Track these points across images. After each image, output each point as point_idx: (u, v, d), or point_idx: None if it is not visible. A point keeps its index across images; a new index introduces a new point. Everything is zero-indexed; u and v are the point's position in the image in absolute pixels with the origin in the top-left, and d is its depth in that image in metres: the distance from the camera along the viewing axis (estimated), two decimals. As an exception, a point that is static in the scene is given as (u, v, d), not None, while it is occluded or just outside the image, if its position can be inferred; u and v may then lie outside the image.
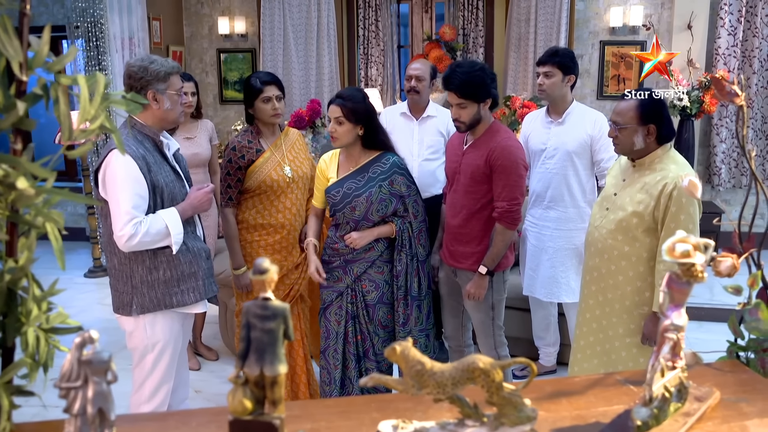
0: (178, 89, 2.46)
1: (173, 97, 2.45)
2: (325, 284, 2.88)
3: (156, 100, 2.41)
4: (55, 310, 1.28)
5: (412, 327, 2.87)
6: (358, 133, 2.75)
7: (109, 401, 1.05)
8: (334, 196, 2.79)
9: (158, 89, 2.40)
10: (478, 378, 1.10)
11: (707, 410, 1.27)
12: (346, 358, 2.88)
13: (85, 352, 1.05)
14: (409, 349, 1.13)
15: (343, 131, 2.72)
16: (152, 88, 2.39)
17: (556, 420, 1.25)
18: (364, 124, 2.75)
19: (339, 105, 2.70)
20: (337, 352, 2.86)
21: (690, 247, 1.15)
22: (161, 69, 2.40)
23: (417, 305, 2.86)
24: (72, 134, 1.23)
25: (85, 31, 5.70)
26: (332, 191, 2.80)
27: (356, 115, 2.71)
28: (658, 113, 2.36)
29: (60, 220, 1.23)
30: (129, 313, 2.47)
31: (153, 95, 2.40)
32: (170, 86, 2.43)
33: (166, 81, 2.41)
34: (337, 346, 2.86)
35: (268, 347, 1.05)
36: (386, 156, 2.84)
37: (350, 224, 2.81)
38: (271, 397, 1.07)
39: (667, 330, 1.18)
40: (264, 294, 1.05)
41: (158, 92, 2.41)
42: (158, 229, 2.37)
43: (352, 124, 2.71)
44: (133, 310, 2.46)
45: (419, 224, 2.87)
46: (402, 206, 2.83)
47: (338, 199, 2.78)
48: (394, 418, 1.21)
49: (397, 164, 2.83)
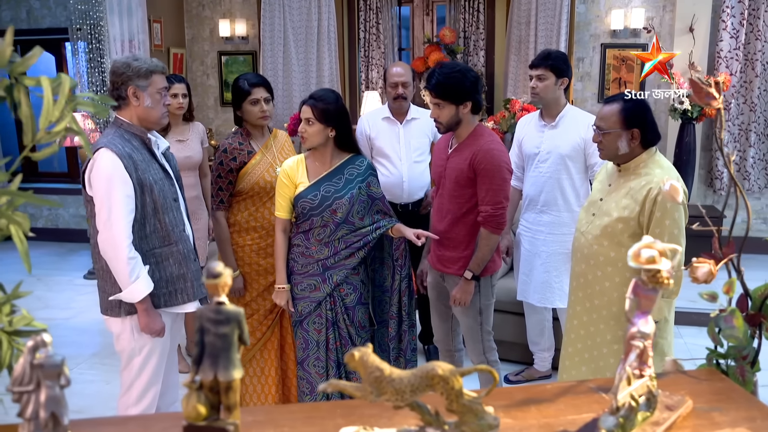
0: (160, 89, 2.45)
1: (155, 96, 2.43)
2: (299, 296, 2.82)
3: (136, 96, 2.40)
4: (18, 312, 1.27)
5: (406, 346, 2.92)
6: (328, 134, 2.72)
7: (62, 405, 1.04)
8: (311, 200, 2.72)
9: (139, 86, 2.39)
10: (437, 385, 1.09)
11: (678, 419, 1.25)
12: (328, 366, 2.84)
13: (37, 355, 1.04)
14: (368, 355, 1.11)
15: (313, 132, 2.69)
16: (132, 84, 2.39)
17: (522, 428, 1.23)
18: (336, 126, 2.72)
19: (310, 105, 2.68)
20: (320, 360, 2.82)
21: (656, 253, 1.13)
22: (143, 66, 2.40)
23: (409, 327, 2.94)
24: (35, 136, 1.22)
25: (86, 34, 5.73)
26: (308, 195, 2.72)
27: (327, 117, 2.68)
28: (641, 117, 2.34)
29: (25, 222, 1.22)
30: (117, 314, 2.47)
31: (133, 92, 2.39)
32: (152, 84, 2.42)
33: (147, 78, 2.41)
34: (319, 354, 2.82)
35: (222, 352, 1.04)
36: (359, 158, 2.82)
37: (329, 227, 2.75)
38: (226, 402, 1.06)
39: (633, 337, 1.16)
40: (217, 298, 1.04)
41: (139, 89, 2.40)
42: (130, 273, 2.36)
43: (322, 125, 2.68)
44: (121, 311, 2.46)
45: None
46: (380, 207, 2.83)
47: (316, 203, 2.72)
48: (357, 425, 1.19)
49: (371, 166, 2.85)
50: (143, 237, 2.44)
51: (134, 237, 2.39)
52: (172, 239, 2.50)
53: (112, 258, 2.37)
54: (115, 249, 2.35)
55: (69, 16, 6.02)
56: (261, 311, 3.06)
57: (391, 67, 3.73)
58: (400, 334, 2.92)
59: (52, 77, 1.19)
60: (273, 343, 3.10)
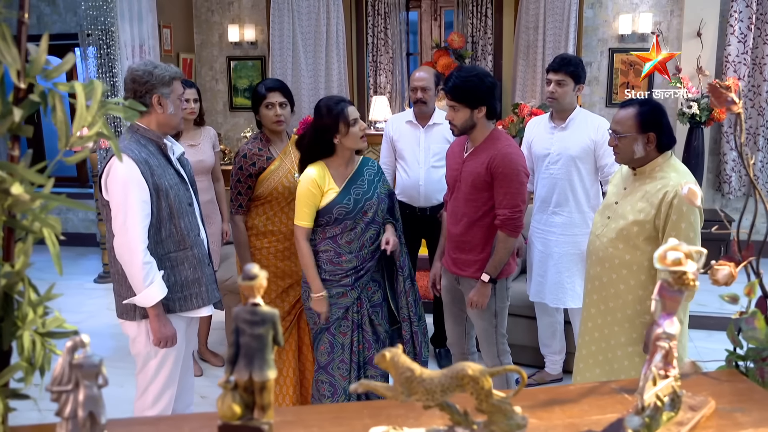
0: (180, 95, 2.51)
1: (176, 102, 2.49)
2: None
3: (161, 104, 2.44)
4: (51, 314, 1.30)
5: (420, 348, 2.95)
6: None
7: (99, 405, 1.06)
8: (346, 205, 2.73)
9: (163, 93, 2.43)
10: (468, 385, 1.10)
11: (701, 420, 1.26)
12: (351, 368, 2.86)
13: (76, 356, 1.06)
14: (398, 356, 1.13)
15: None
16: (157, 92, 2.42)
17: (547, 428, 1.25)
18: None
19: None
20: (344, 362, 2.84)
21: (681, 255, 1.14)
22: (165, 74, 2.43)
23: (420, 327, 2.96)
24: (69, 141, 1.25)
25: (96, 39, 5.76)
26: (343, 201, 2.73)
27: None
28: (657, 121, 2.35)
29: (57, 225, 1.24)
30: (132, 317, 2.49)
31: (158, 99, 2.43)
32: (173, 91, 2.47)
33: (170, 85, 2.45)
34: (343, 357, 2.83)
35: (257, 352, 1.06)
36: (369, 159, 2.90)
37: (358, 228, 2.76)
38: (260, 402, 1.08)
39: (659, 338, 1.18)
40: (253, 300, 1.06)
41: (163, 96, 2.43)
42: (144, 278, 2.38)
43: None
44: (136, 314, 2.48)
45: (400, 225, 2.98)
46: (389, 204, 2.89)
47: (351, 206, 2.74)
48: (385, 425, 1.21)
49: (379, 166, 2.95)
50: (159, 241, 2.46)
51: (150, 241, 2.42)
52: (187, 244, 2.52)
53: (127, 262, 2.39)
54: (131, 253, 2.37)
55: (79, 22, 6.06)
56: (279, 313, 3.06)
57: (415, 72, 3.78)
58: (412, 335, 2.94)
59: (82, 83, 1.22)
60: (291, 344, 3.12)
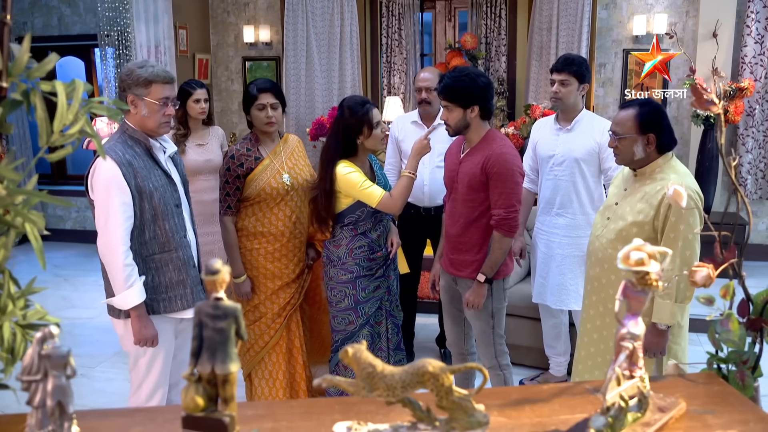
0: (160, 98, 2.42)
1: (152, 106, 2.42)
2: (366, 299, 3.00)
3: (134, 104, 2.42)
4: (32, 307, 1.33)
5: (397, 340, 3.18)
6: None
7: (67, 395, 1.09)
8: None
9: (137, 94, 2.40)
10: (428, 382, 1.12)
11: (670, 421, 1.26)
12: (389, 355, 3.10)
13: (45, 347, 1.09)
14: (361, 352, 1.15)
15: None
16: (131, 93, 2.41)
17: (514, 427, 1.25)
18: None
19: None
20: (383, 350, 3.09)
21: (645, 255, 1.14)
22: (143, 75, 2.40)
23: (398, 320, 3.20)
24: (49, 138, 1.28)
25: (113, 40, 5.86)
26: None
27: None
28: (657, 122, 2.34)
29: (40, 221, 1.27)
30: (117, 315, 2.50)
31: (132, 99, 2.41)
32: (151, 94, 2.41)
33: (147, 87, 2.40)
34: (381, 345, 3.09)
35: (219, 346, 1.08)
36: (371, 156, 3.09)
37: (383, 222, 3.03)
38: (223, 394, 1.10)
39: (623, 338, 1.18)
40: (215, 294, 1.08)
41: (137, 97, 2.41)
42: (125, 280, 2.39)
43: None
44: (121, 313, 2.48)
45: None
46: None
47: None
48: (353, 420, 1.23)
49: (377, 159, 3.17)
50: (142, 243, 2.45)
51: (133, 243, 2.42)
52: (172, 246, 2.51)
53: (109, 263, 2.40)
54: (112, 254, 2.38)
55: (98, 23, 6.17)
56: (269, 315, 3.08)
57: (419, 72, 3.79)
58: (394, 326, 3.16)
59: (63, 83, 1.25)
60: (281, 346, 3.12)
